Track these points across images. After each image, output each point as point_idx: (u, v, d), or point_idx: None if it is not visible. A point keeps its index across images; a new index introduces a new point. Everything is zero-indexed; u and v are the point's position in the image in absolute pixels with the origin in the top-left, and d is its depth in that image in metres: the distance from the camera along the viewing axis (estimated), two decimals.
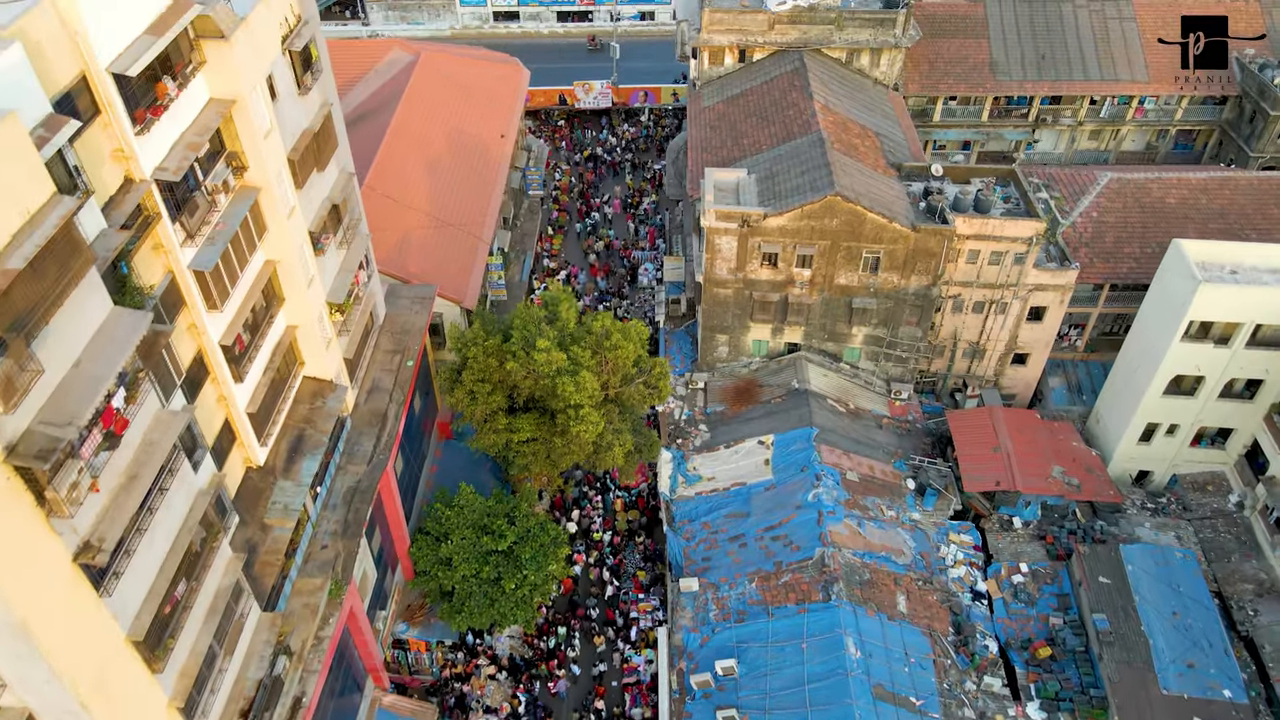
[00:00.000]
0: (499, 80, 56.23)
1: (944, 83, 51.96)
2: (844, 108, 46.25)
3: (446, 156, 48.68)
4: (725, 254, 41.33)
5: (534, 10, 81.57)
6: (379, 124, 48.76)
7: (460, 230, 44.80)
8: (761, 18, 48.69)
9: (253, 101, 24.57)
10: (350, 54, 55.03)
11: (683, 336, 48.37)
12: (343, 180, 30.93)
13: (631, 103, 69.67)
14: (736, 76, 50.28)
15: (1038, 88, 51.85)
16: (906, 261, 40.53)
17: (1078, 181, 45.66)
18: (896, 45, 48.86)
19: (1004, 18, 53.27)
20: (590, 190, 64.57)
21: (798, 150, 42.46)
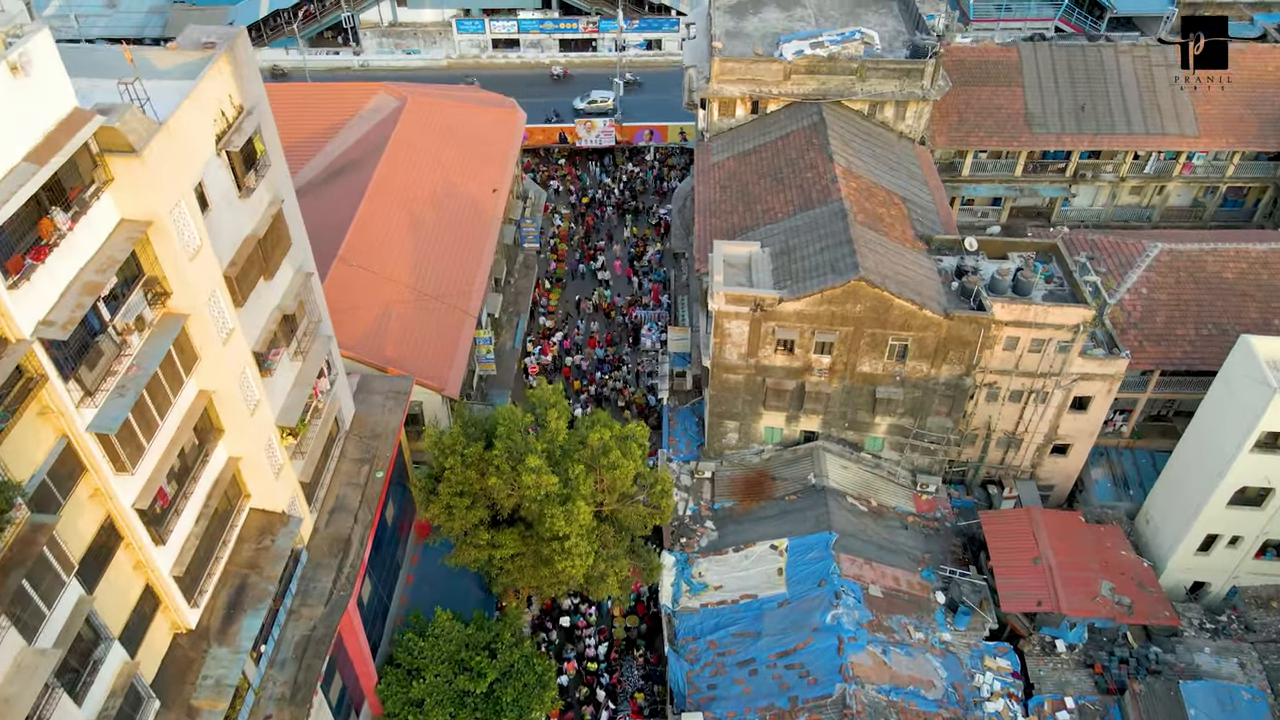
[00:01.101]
0: (493, 125, 52.24)
1: (975, 135, 47.76)
2: (867, 169, 42.10)
3: (432, 215, 44.71)
4: (735, 338, 37.27)
5: (535, 38, 77.57)
6: (359, 180, 44.82)
7: (445, 304, 40.81)
8: (776, 67, 44.58)
9: (176, 219, 20.62)
10: (332, 98, 51.16)
11: (688, 416, 44.28)
12: (298, 283, 26.94)
13: (636, 141, 65.63)
14: (749, 129, 46.17)
15: (1077, 141, 47.61)
16: (938, 350, 36.39)
17: (1124, 252, 41.44)
18: (924, 98, 44.69)
19: (1040, 64, 49.04)
20: (589, 236, 60.56)
21: (817, 221, 38.35)
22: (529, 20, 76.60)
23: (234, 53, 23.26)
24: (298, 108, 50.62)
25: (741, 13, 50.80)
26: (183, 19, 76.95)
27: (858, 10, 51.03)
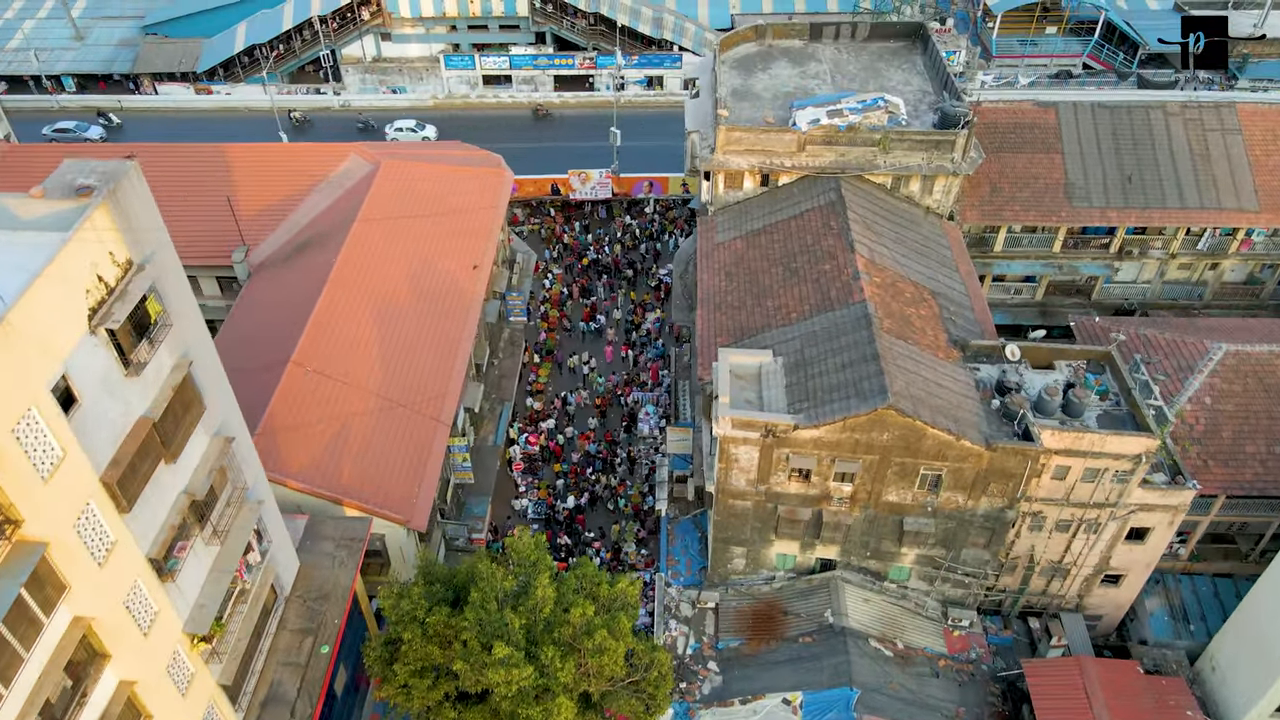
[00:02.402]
0: (475, 189, 47.46)
1: (1009, 209, 42.91)
2: (892, 257, 37.28)
3: (404, 301, 39.96)
4: (743, 464, 32.48)
5: (527, 75, 72.80)
6: (322, 260, 40.09)
7: (415, 412, 36.03)
8: (789, 138, 39.77)
9: (21, 436, 15.88)
10: (298, 160, 46.47)
11: (689, 529, 39.49)
12: (215, 452, 22.17)
13: (634, 193, 60.84)
14: (758, 204, 41.37)
15: (1124, 217, 42.74)
16: (977, 481, 31.58)
17: (1183, 353, 36.58)
18: (954, 173, 39.86)
19: (1081, 128, 44.18)
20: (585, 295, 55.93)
21: (837, 327, 33.53)
22: (521, 56, 71.91)
23: (118, 198, 18.58)
24: (260, 171, 46.05)
25: (749, 68, 46.00)
26: (154, 53, 72.64)
27: (877, 65, 46.22)
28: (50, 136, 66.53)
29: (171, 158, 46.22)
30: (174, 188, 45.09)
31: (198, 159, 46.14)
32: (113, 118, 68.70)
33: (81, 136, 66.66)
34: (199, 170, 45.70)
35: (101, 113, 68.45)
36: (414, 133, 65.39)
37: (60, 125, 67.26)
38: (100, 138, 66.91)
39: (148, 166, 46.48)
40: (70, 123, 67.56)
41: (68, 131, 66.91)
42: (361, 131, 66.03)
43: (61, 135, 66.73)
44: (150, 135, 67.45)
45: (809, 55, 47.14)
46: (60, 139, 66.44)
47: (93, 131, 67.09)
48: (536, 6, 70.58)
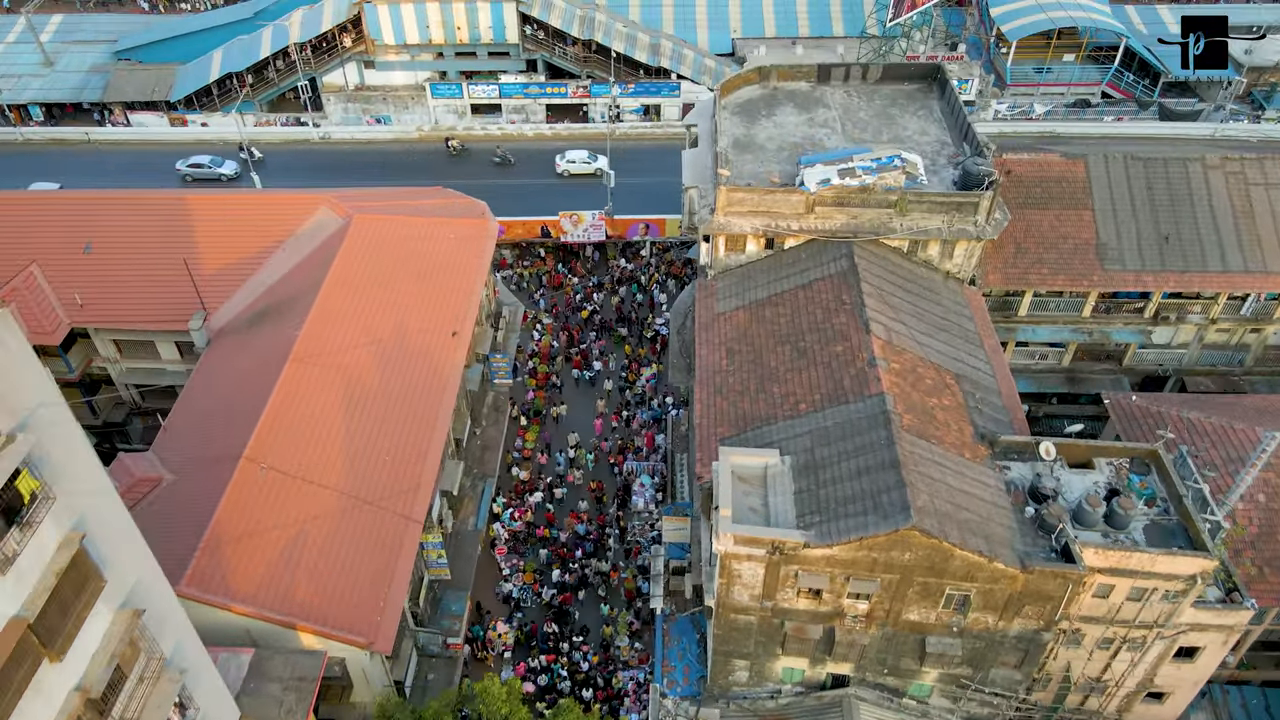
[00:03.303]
0: (456, 243, 43.91)
1: (1036, 273, 39.40)
2: (910, 335, 33.76)
3: (374, 378, 36.42)
4: (747, 580, 28.98)
5: (518, 103, 69.30)
6: (283, 333, 36.56)
7: (383, 510, 32.50)
8: (797, 199, 36.25)
9: None
10: (263, 213, 42.87)
11: (686, 629, 35.97)
12: (118, 633, 18.61)
13: (629, 235, 57.33)
14: (763, 268, 37.87)
15: (1160, 281, 39.24)
16: (1009, 603, 28.06)
17: (1231, 441, 33.12)
18: (978, 237, 36.35)
19: (1112, 182, 40.66)
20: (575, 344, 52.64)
21: (852, 425, 30.00)
22: (511, 84, 68.40)
23: None
24: (223, 225, 42.51)
25: (753, 114, 42.49)
26: (126, 80, 69.18)
27: (890, 111, 42.71)
28: (184, 173, 62.49)
29: (127, 211, 42.71)
30: (129, 245, 41.90)
31: (155, 212, 42.63)
32: (255, 151, 64.16)
33: (216, 173, 62.58)
34: (156, 225, 42.20)
35: (244, 146, 64.17)
36: (586, 164, 61.97)
37: (194, 160, 62.97)
38: (234, 173, 62.58)
39: (102, 220, 43.82)
40: (205, 157, 63.25)
41: (201, 167, 62.71)
42: (498, 166, 62.84)
43: (196, 171, 62.62)
44: (120, 169, 63.99)
45: (817, 100, 43.62)
46: (195, 175, 62.52)
47: (227, 166, 62.84)
48: (527, 33, 67.05)
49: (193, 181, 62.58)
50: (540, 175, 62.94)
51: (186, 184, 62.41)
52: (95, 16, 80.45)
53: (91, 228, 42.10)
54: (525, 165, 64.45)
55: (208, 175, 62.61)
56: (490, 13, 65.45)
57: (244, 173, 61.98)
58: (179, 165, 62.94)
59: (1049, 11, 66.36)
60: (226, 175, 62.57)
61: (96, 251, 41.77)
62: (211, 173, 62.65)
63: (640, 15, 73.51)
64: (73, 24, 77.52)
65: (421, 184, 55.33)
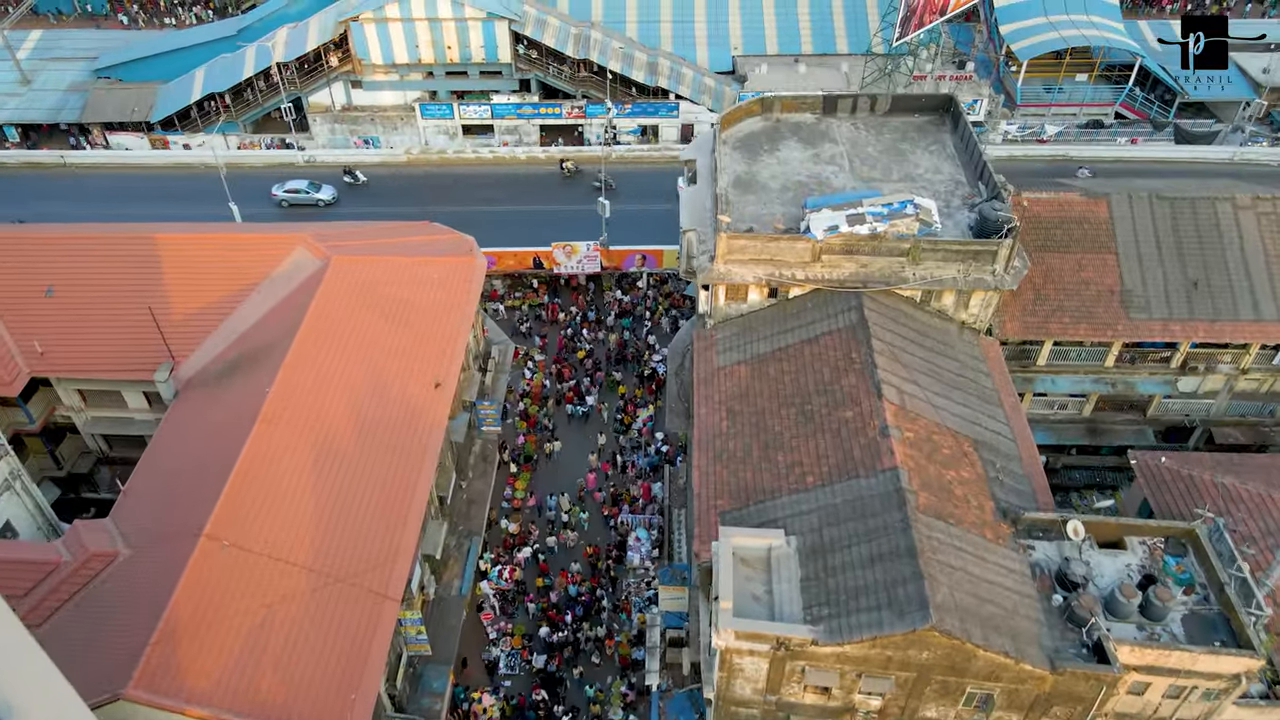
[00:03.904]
0: (442, 285, 41.53)
1: (1056, 321, 37.04)
2: (925, 397, 31.38)
3: (350, 438, 34.02)
4: (750, 675, 26.63)
5: (511, 124, 66.92)
6: (253, 389, 34.13)
7: (357, 588, 30.11)
8: (802, 246, 33.88)
9: None
10: (237, 254, 40.44)
11: (684, 708, 33.56)
12: None
13: (626, 267, 54.97)
14: (766, 318, 35.49)
15: (1189, 331, 36.88)
16: (1036, 703, 25.74)
17: (1272, 512, 30.74)
18: (996, 288, 33.99)
19: (1137, 223, 38.32)
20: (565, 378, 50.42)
21: (863, 504, 27.63)
22: (504, 105, 66.03)
23: None
24: (192, 266, 40.16)
25: (755, 150, 40.13)
26: (105, 99, 66.81)
27: (901, 146, 40.34)
28: (280, 199, 60.20)
29: (92, 251, 40.33)
30: (93, 288, 39.51)
31: (122, 252, 40.24)
32: (359, 175, 62.10)
33: (314, 198, 60.29)
34: (123, 266, 39.84)
35: (348, 170, 62.01)
36: None
37: (290, 185, 60.59)
38: (333, 198, 60.32)
39: (64, 261, 41.44)
40: (301, 182, 60.83)
41: (299, 193, 60.38)
42: (597, 189, 60.35)
43: (293, 197, 60.31)
44: (99, 195, 61.67)
45: (823, 134, 41.26)
46: (292, 200, 60.26)
47: (325, 191, 60.54)
48: (520, 52, 64.67)
49: (289, 207, 60.09)
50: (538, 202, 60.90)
51: (283, 210, 60.12)
52: (75, 32, 78.08)
53: (54, 269, 39.72)
54: (522, 188, 62.24)
55: (305, 201, 60.15)
56: (482, 32, 63.06)
57: (340, 195, 60.30)
58: (275, 191, 60.38)
59: (1061, 30, 64.00)
60: (324, 201, 60.11)
61: (59, 295, 39.40)
62: (309, 198, 60.22)
63: (638, 32, 71.15)
64: (52, 40, 75.11)
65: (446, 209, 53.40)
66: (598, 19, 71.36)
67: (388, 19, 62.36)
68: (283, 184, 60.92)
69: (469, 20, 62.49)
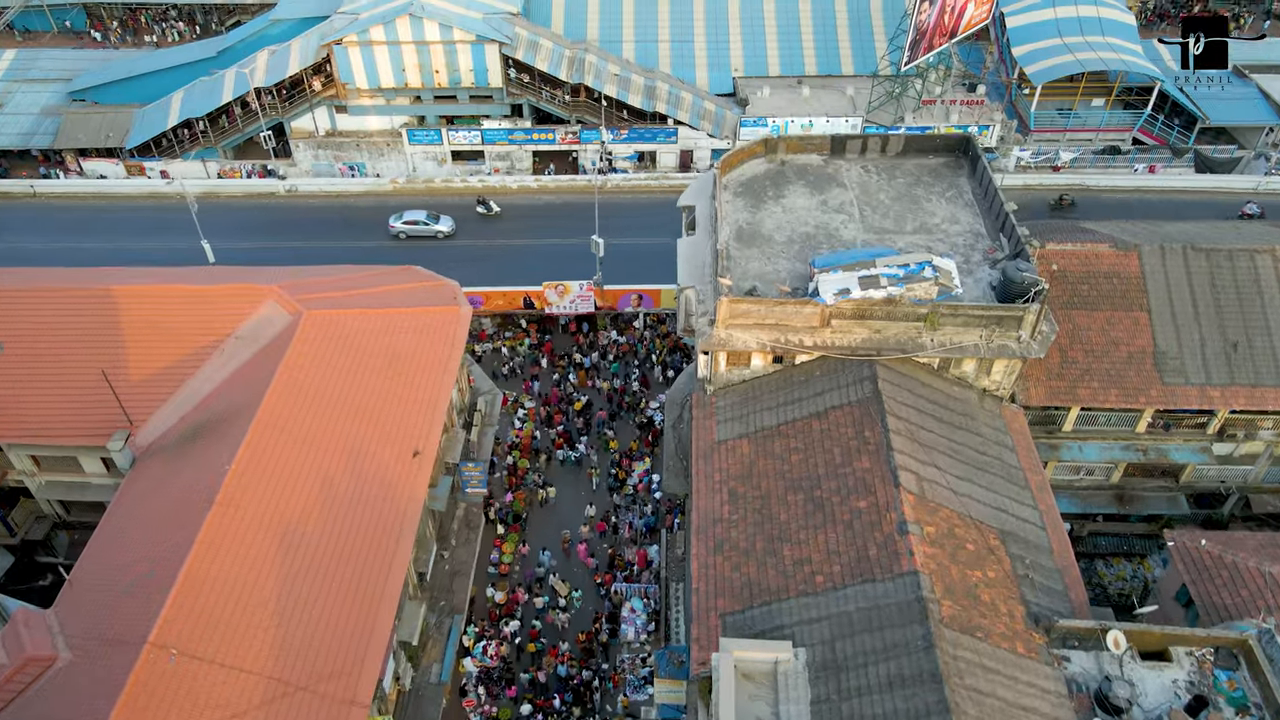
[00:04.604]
0: (423, 338, 38.76)
1: (1085, 387, 34.27)
2: (945, 482, 28.60)
3: (317, 519, 31.20)
4: None
5: (502, 149, 64.15)
6: (206, 471, 31.30)
7: (320, 697, 27.30)
8: (810, 311, 31.09)
9: None
10: (202, 308, 37.66)
11: None
12: None
13: (621, 307, 52.19)
14: (770, 386, 32.71)
15: (1228, 397, 34.10)
16: None
17: None
18: (1021, 355, 31.19)
19: (1170, 278, 35.54)
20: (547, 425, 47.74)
21: (880, 612, 24.85)
22: (494, 130, 63.23)
23: None
24: (153, 321, 37.36)
25: (758, 197, 37.36)
26: (78, 124, 64.10)
27: (915, 192, 37.57)
28: (398, 231, 57.57)
29: (46, 305, 37.56)
30: (46, 346, 36.68)
31: (78, 306, 37.47)
32: (492, 205, 59.43)
33: (432, 230, 57.70)
34: (79, 321, 37.07)
35: (482, 200, 59.33)
36: None
37: (409, 217, 57.85)
38: (451, 230, 57.93)
39: (14, 316, 38.65)
40: (419, 214, 58.10)
41: (417, 224, 57.66)
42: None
43: (412, 229, 57.60)
44: (68, 226, 58.92)
45: (831, 177, 38.48)
46: (410, 233, 57.63)
47: (443, 223, 57.91)
48: (511, 77, 61.87)
49: (406, 239, 57.47)
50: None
51: (400, 241, 57.56)
52: (52, 51, 75.22)
53: (3, 325, 36.93)
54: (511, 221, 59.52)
55: (423, 233, 57.52)
56: (471, 55, 60.26)
57: (456, 232, 58.01)
58: (393, 223, 57.66)
59: (1077, 53, 61.19)
60: (443, 232, 57.51)
61: (9, 353, 36.59)
62: (428, 230, 57.55)
63: (635, 52, 68.37)
64: (28, 59, 72.28)
65: None
66: (593, 38, 68.60)
67: (372, 42, 59.57)
68: (400, 215, 58.06)
69: (457, 43, 59.69)
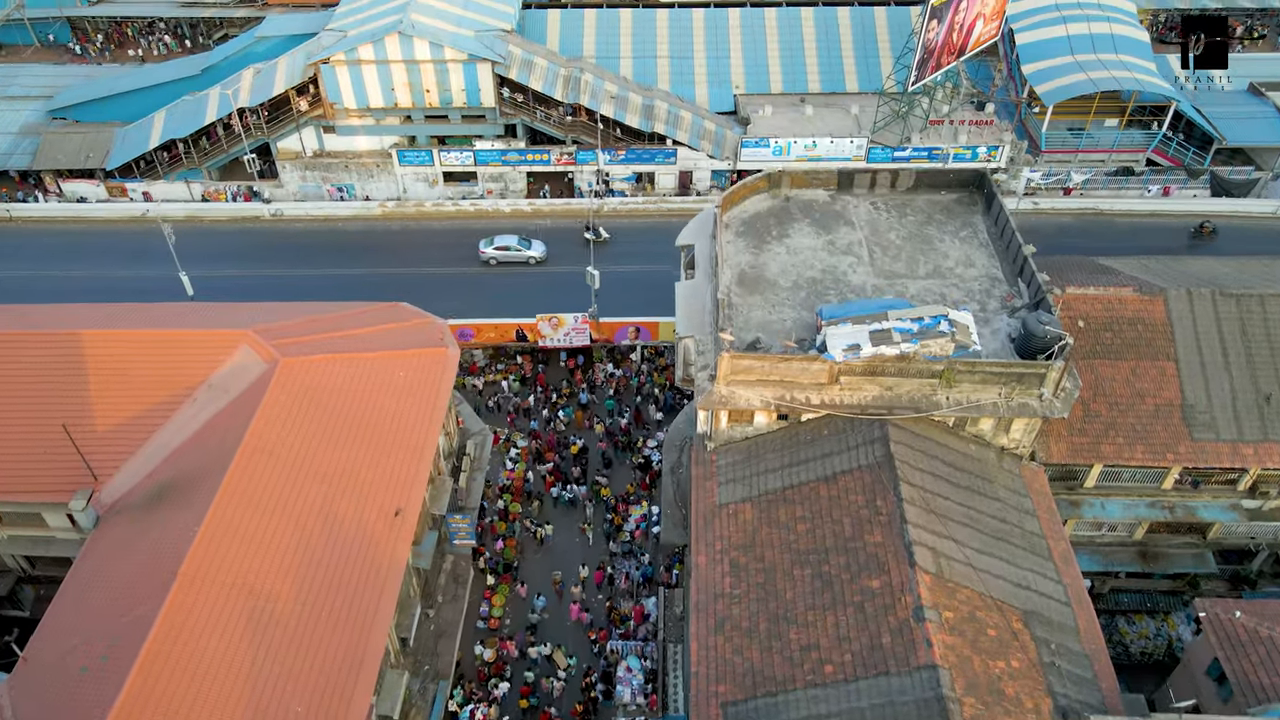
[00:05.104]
0: (407, 384, 36.74)
1: (1109, 442, 32.21)
2: (964, 558, 26.55)
3: (290, 589, 29.12)
4: None
5: (495, 170, 62.09)
6: (171, 539, 29.25)
7: None
8: (817, 368, 29.04)
9: None
10: (172, 354, 35.59)
11: None
12: None
13: (617, 340, 50.13)
14: (775, 444, 30.68)
15: (1263, 454, 32.06)
16: None
17: None
18: (1044, 415, 29.16)
19: (1199, 325, 33.50)
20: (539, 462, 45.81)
21: (895, 709, 22.83)
22: (487, 151, 61.18)
23: None
24: (120, 369, 35.29)
25: (761, 235, 35.34)
26: (57, 144, 62.02)
27: (927, 231, 35.57)
28: (489, 257, 55.49)
29: (4, 351, 35.48)
30: (5, 395, 34.68)
31: (40, 352, 35.41)
32: (601, 231, 56.78)
33: (524, 255, 55.55)
34: (41, 369, 35.02)
35: (589, 226, 56.43)
36: None
37: (500, 242, 55.59)
38: (543, 255, 55.75)
39: None
40: (510, 239, 55.84)
41: (509, 249, 55.48)
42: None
43: (503, 255, 55.53)
44: (44, 253, 56.86)
45: (838, 215, 36.46)
46: (502, 259, 55.57)
47: (535, 248, 55.58)
48: (504, 96, 59.83)
49: (498, 265, 55.48)
50: None
51: (490, 267, 55.60)
52: (33, 67, 73.21)
53: None
54: None
55: (515, 259, 55.48)
56: (463, 74, 58.20)
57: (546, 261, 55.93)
58: (483, 249, 55.53)
59: (1090, 71, 59.11)
60: (535, 258, 55.28)
61: None
62: (520, 255, 55.48)
63: (633, 68, 66.31)
64: (7, 75, 70.29)
65: None
66: (590, 54, 66.56)
67: (361, 61, 57.51)
68: (490, 240, 56.02)
69: (448, 62, 57.64)
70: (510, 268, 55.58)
